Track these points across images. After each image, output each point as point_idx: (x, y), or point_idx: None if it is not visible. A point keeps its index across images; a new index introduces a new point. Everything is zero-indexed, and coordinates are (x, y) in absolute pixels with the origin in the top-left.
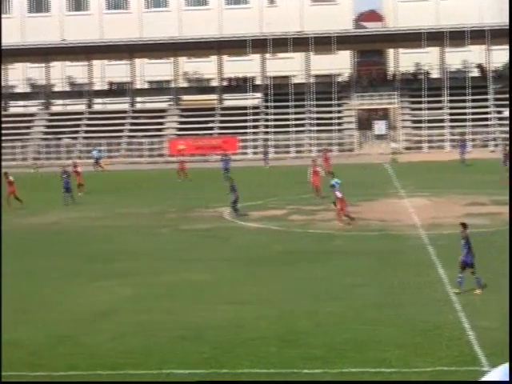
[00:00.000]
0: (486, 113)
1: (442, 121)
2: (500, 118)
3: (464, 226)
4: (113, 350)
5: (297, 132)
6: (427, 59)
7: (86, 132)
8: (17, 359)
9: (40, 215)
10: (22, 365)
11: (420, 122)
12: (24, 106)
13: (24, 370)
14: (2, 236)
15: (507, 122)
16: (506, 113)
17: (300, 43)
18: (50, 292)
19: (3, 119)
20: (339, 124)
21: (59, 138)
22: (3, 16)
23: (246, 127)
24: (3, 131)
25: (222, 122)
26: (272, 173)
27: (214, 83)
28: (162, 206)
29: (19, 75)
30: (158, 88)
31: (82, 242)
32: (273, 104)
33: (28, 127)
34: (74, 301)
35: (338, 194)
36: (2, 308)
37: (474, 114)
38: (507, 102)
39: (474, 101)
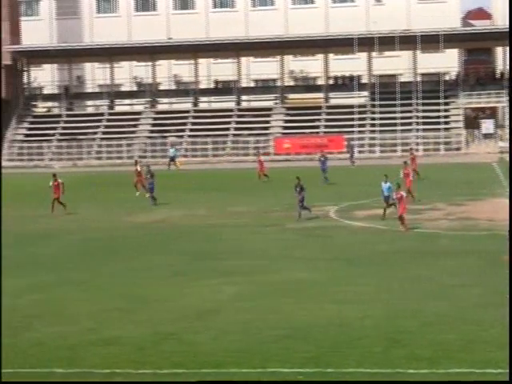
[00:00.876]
0: None
1: None
2: None
3: None
4: (217, 348)
5: (403, 131)
6: None
7: (192, 130)
8: (122, 357)
9: (147, 213)
10: (127, 362)
11: None
12: (130, 105)
13: (129, 367)
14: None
15: None
16: None
17: (407, 41)
18: (156, 290)
19: (110, 117)
20: (446, 123)
21: (165, 137)
22: (111, 15)
23: (352, 126)
24: (111, 129)
25: (327, 120)
26: (373, 172)
27: (320, 82)
28: (267, 205)
29: (125, 74)
30: (263, 86)
31: (189, 240)
32: (379, 103)
33: (134, 126)
34: (180, 299)
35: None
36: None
37: None
38: None
39: None
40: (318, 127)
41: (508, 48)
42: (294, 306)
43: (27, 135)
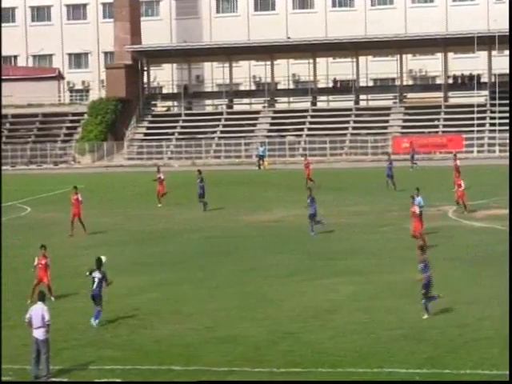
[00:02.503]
0: None
1: None
2: None
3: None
4: (334, 347)
5: None
6: None
7: (310, 130)
8: (240, 355)
9: (264, 213)
10: (243, 361)
11: None
12: (249, 104)
13: (245, 366)
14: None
15: None
16: None
17: None
18: (273, 289)
19: (229, 116)
20: None
21: (283, 136)
22: (231, 15)
23: (471, 125)
24: (230, 128)
25: (446, 119)
26: (493, 172)
27: (440, 81)
28: (384, 204)
29: (244, 73)
30: (382, 86)
31: (305, 239)
32: (498, 102)
33: (253, 125)
34: (296, 298)
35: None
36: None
37: None
38: None
39: None
40: (436, 126)
41: None
42: (410, 307)
43: (146, 134)
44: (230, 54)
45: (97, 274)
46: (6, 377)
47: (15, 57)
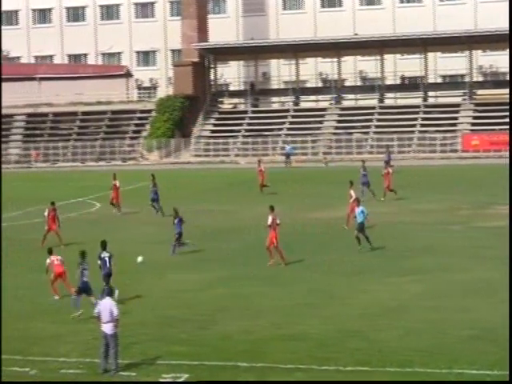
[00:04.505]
0: None
1: None
2: None
3: None
4: (401, 346)
5: None
6: None
7: (377, 127)
8: (305, 352)
9: (331, 209)
10: (310, 358)
11: None
12: (315, 101)
13: (312, 363)
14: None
15: None
16: None
17: None
18: (341, 286)
19: (295, 113)
20: None
21: (350, 133)
22: (297, 11)
23: None
24: (296, 125)
25: None
26: None
27: None
28: (454, 202)
29: (311, 70)
30: (451, 82)
31: (374, 237)
32: None
33: (319, 122)
34: (365, 296)
35: None
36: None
37: None
38: None
39: None
40: (507, 124)
41: None
42: (481, 306)
43: (213, 131)
44: (296, 50)
45: (105, 254)
46: (76, 369)
47: (85, 55)
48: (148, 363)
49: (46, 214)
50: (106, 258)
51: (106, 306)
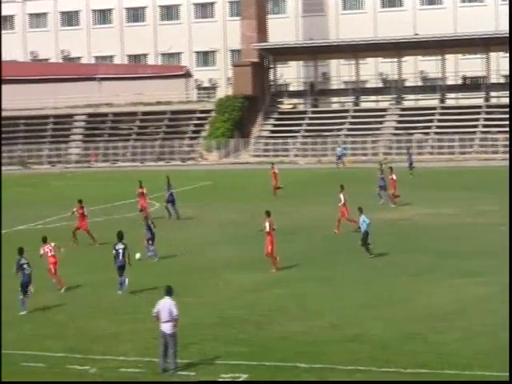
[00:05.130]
0: None
1: None
2: None
3: None
4: (462, 349)
5: None
6: None
7: (438, 127)
8: (364, 354)
9: (391, 211)
10: (369, 360)
11: None
12: (375, 101)
13: (371, 365)
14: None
15: None
16: None
17: None
18: (400, 288)
19: (355, 114)
20: None
21: (410, 134)
22: (357, 11)
23: None
24: (356, 126)
25: None
26: None
27: None
28: None
29: (371, 70)
30: None
31: (434, 238)
32: None
33: (379, 122)
34: (424, 298)
35: None
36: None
37: None
38: None
39: None
40: None
41: None
42: None
43: (273, 131)
44: (356, 50)
45: (120, 246)
46: (136, 368)
47: (145, 55)
48: (207, 363)
49: (74, 210)
50: (120, 250)
51: (166, 306)
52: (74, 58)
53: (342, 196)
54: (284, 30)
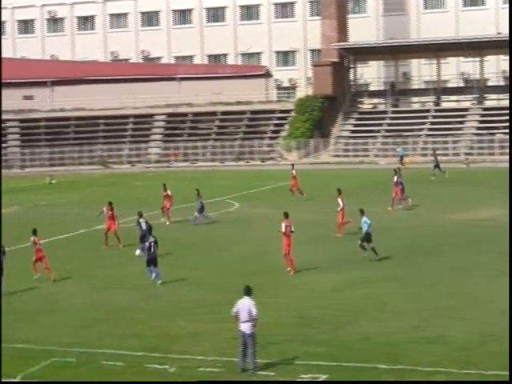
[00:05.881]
0: None
1: None
2: None
3: None
4: None
5: None
6: None
7: None
8: (446, 355)
9: (473, 211)
10: (450, 361)
11: None
12: (457, 101)
13: (452, 367)
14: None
15: None
16: None
17: None
18: (482, 289)
19: (436, 114)
20: None
21: (492, 134)
22: (439, 11)
23: None
24: (437, 126)
25: None
26: None
27: None
28: None
29: (452, 70)
30: None
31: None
32: None
33: (461, 122)
34: (507, 299)
35: None
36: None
37: None
38: None
39: None
40: None
41: None
42: None
43: (353, 131)
44: (437, 50)
45: (151, 239)
46: (214, 368)
47: (225, 55)
48: (286, 363)
49: (104, 209)
50: (152, 243)
51: (245, 306)
52: (154, 58)
53: (340, 200)
54: (364, 29)
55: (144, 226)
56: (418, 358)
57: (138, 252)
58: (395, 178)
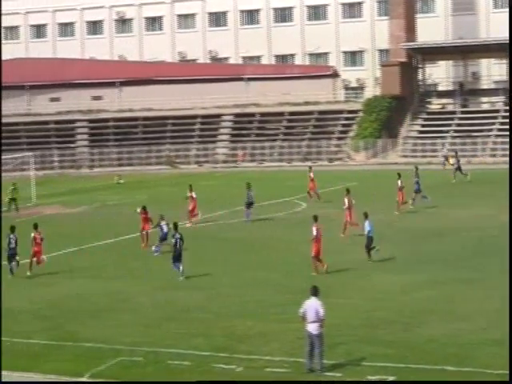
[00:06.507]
0: None
1: None
2: None
3: None
4: None
5: None
6: None
7: None
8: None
9: None
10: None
11: None
12: None
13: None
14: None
15: None
16: None
17: None
18: None
19: (505, 114)
20: None
21: None
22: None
23: None
24: (506, 126)
25: None
26: None
27: None
28: None
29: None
30: None
31: None
32: None
33: None
34: None
35: None
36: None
37: None
38: None
39: None
40: None
41: None
42: None
43: (421, 131)
44: (507, 50)
45: (177, 235)
46: (281, 368)
47: (292, 55)
48: (353, 364)
49: (138, 210)
50: (178, 240)
51: (312, 306)
52: (221, 59)
53: (346, 200)
54: (433, 29)
55: (165, 229)
56: (486, 360)
57: (153, 248)
58: (399, 183)
